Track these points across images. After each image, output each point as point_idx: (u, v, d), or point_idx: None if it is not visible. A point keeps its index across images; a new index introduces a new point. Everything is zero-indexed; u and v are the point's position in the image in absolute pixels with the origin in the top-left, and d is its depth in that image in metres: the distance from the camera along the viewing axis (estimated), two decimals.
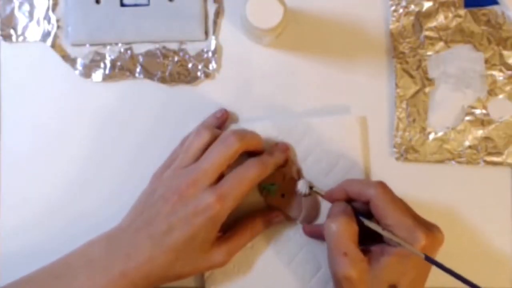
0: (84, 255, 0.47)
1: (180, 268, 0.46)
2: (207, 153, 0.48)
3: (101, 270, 0.46)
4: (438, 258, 0.55)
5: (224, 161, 0.47)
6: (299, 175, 0.53)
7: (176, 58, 0.55)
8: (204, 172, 0.47)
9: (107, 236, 0.48)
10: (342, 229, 0.46)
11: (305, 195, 0.52)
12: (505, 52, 0.54)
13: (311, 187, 0.52)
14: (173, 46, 0.55)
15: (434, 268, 0.55)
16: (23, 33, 0.55)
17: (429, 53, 0.55)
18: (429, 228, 0.46)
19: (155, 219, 0.47)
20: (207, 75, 0.55)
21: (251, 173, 0.47)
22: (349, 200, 0.49)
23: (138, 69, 0.55)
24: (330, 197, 0.50)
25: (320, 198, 0.53)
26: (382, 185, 0.47)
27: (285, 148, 0.52)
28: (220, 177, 0.47)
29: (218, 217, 0.46)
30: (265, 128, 0.53)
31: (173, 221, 0.46)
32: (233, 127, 0.54)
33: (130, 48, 0.55)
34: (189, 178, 0.47)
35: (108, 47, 0.55)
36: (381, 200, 0.46)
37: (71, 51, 0.55)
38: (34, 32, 0.55)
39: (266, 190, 0.52)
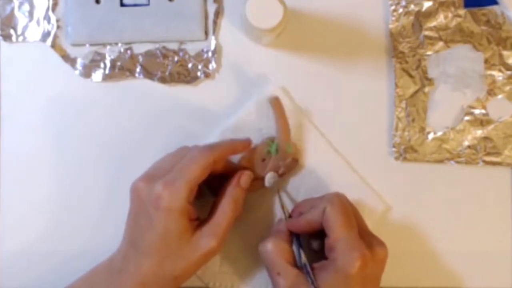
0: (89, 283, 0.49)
1: (172, 266, 0.46)
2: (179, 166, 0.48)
3: None
4: (439, 258, 0.55)
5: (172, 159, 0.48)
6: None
7: (176, 58, 0.55)
8: (154, 168, 0.48)
9: (109, 260, 0.49)
10: (273, 249, 0.47)
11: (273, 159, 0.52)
12: (504, 52, 0.54)
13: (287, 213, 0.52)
14: (173, 46, 0.55)
15: (433, 269, 0.55)
16: (23, 33, 0.55)
17: (428, 53, 0.55)
18: (373, 245, 0.46)
19: (130, 229, 0.47)
20: (207, 75, 0.55)
21: (196, 156, 0.47)
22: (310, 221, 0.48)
23: (138, 69, 0.55)
24: (292, 226, 0.50)
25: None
26: (337, 196, 0.47)
27: (244, 144, 0.52)
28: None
29: (174, 203, 0.45)
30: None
31: (142, 223, 0.46)
32: None
33: (130, 48, 0.55)
34: (142, 177, 0.47)
35: (108, 47, 0.55)
36: (333, 210, 0.46)
37: (71, 51, 0.55)
38: (34, 32, 0.55)
39: (267, 152, 0.52)
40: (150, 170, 0.48)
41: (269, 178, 0.52)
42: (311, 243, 0.51)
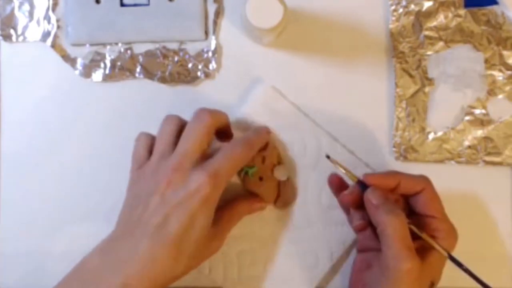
0: (79, 276, 0.44)
1: (187, 262, 0.43)
2: (184, 135, 0.45)
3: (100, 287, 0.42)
4: None
5: (203, 138, 0.45)
6: (279, 160, 0.53)
7: (176, 58, 0.55)
8: (186, 152, 0.44)
9: (100, 249, 0.44)
10: (405, 224, 0.45)
11: (282, 181, 0.52)
12: (504, 52, 0.54)
13: (344, 169, 0.50)
14: (173, 46, 0.55)
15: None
16: (23, 33, 0.55)
17: (428, 52, 0.55)
18: (454, 231, 0.48)
19: (146, 215, 0.43)
20: (207, 75, 0.55)
21: (239, 150, 0.46)
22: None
23: (138, 69, 0.55)
24: (375, 181, 0.47)
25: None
26: (429, 179, 0.48)
27: (266, 131, 0.51)
28: (203, 158, 0.45)
29: (213, 196, 0.43)
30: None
31: (167, 211, 0.42)
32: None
33: (130, 48, 0.55)
34: (173, 163, 0.44)
35: (108, 47, 0.55)
36: (434, 192, 0.47)
37: (71, 51, 0.55)
38: (34, 32, 0.55)
39: (245, 172, 0.52)
40: (172, 155, 0.45)
41: (279, 171, 0.52)
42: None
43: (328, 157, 0.50)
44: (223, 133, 0.50)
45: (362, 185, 0.48)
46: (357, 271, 0.49)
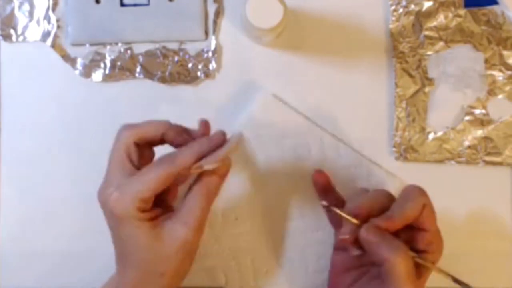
0: None
1: (153, 266, 0.45)
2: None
3: None
4: (442, 257, 0.55)
5: (119, 156, 0.46)
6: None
7: (176, 58, 0.55)
8: (106, 175, 0.46)
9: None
10: (410, 260, 0.43)
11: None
12: (505, 52, 0.54)
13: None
14: (173, 46, 0.55)
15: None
16: (23, 33, 0.55)
17: (429, 52, 0.55)
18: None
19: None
20: (207, 75, 0.55)
21: (155, 167, 0.45)
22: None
23: (138, 69, 0.55)
24: (390, 227, 0.44)
25: (303, 187, 0.53)
26: (423, 191, 0.46)
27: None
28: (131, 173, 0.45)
29: (125, 214, 0.44)
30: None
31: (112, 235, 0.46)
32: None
33: (130, 48, 0.55)
34: (100, 187, 0.46)
35: (108, 47, 0.55)
36: (430, 208, 0.45)
37: (71, 51, 0.55)
38: (34, 32, 0.55)
39: None
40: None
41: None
42: None
43: (327, 206, 0.47)
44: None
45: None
46: (336, 273, 0.49)
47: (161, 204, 0.47)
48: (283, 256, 0.54)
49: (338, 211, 0.45)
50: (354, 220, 0.44)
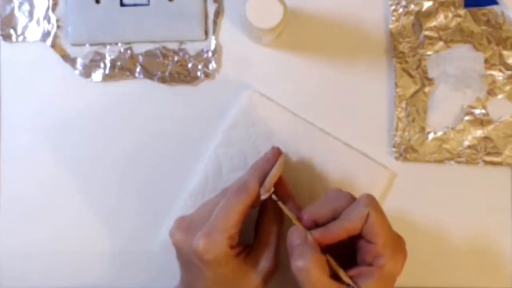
0: None
1: None
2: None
3: None
4: (439, 257, 0.55)
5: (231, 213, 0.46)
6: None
7: (176, 58, 0.55)
8: (192, 215, 0.47)
9: None
10: (312, 267, 0.42)
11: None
12: (504, 52, 0.54)
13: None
14: (173, 46, 0.55)
15: (433, 269, 0.55)
16: (23, 33, 0.55)
17: (428, 52, 0.55)
18: (403, 242, 0.45)
19: (187, 276, 0.48)
20: (207, 75, 0.55)
21: (231, 201, 0.46)
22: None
23: (138, 69, 0.55)
24: (328, 240, 0.44)
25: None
26: (374, 200, 0.44)
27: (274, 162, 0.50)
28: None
29: (216, 255, 0.44)
30: None
31: (194, 271, 0.46)
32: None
33: (130, 48, 0.55)
34: (181, 228, 0.47)
35: (108, 47, 0.55)
36: (376, 219, 0.43)
37: (71, 51, 0.55)
38: (34, 32, 0.55)
39: None
40: (188, 217, 0.47)
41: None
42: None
43: (275, 199, 0.47)
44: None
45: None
46: None
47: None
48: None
49: (287, 211, 0.46)
50: (299, 224, 0.45)
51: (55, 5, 0.55)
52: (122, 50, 0.55)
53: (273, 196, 0.47)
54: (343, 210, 0.44)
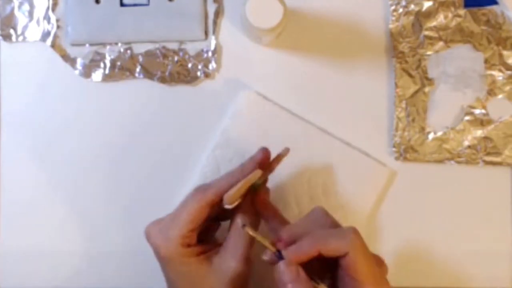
0: None
1: None
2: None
3: None
4: (439, 257, 0.55)
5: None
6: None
7: (176, 58, 0.55)
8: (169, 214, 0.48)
9: None
10: None
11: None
12: (504, 52, 0.54)
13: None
14: (173, 46, 0.55)
15: (433, 269, 0.55)
16: (23, 33, 0.55)
17: (428, 52, 0.55)
18: (382, 266, 0.45)
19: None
20: (207, 75, 0.55)
21: (188, 201, 0.46)
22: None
23: (138, 69, 0.55)
24: (297, 258, 0.42)
25: (290, 181, 0.52)
26: (357, 235, 0.43)
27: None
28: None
29: (169, 253, 0.45)
30: None
31: (160, 266, 0.47)
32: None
33: (130, 48, 0.55)
34: (153, 222, 0.47)
35: (108, 47, 0.55)
36: (357, 253, 0.42)
37: (71, 51, 0.55)
38: (34, 32, 0.55)
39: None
40: (164, 217, 0.47)
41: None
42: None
43: (244, 225, 0.45)
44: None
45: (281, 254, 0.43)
46: None
47: (208, 240, 0.48)
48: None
49: (260, 239, 0.44)
50: (271, 247, 0.43)
51: (55, 5, 0.55)
52: (122, 50, 0.55)
53: (239, 222, 0.46)
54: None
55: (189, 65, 0.55)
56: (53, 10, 0.55)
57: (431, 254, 0.55)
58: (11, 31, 0.55)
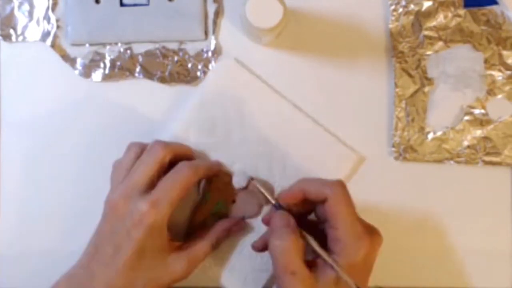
0: None
1: (142, 285, 0.46)
2: (133, 167, 0.48)
3: None
4: (438, 257, 0.55)
5: (151, 169, 0.47)
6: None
7: (175, 58, 0.55)
8: (132, 183, 0.46)
9: (66, 278, 0.47)
10: (289, 247, 0.43)
11: (243, 188, 0.52)
12: (504, 52, 0.54)
13: (251, 180, 0.51)
14: (173, 46, 0.55)
15: (433, 269, 0.55)
16: (22, 33, 0.55)
17: (428, 52, 0.55)
18: (372, 233, 0.45)
19: (101, 244, 0.47)
20: (207, 75, 0.55)
21: (182, 175, 0.47)
22: (302, 202, 0.47)
23: (137, 69, 0.55)
24: (286, 198, 0.47)
25: (262, 154, 0.53)
26: (340, 185, 0.45)
27: (217, 162, 0.53)
28: (152, 188, 0.47)
29: (157, 223, 0.45)
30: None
31: (116, 239, 0.46)
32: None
33: (129, 48, 0.55)
34: (120, 193, 0.47)
35: (108, 47, 0.55)
36: (338, 201, 0.44)
37: (71, 51, 0.55)
38: (33, 32, 0.55)
39: (216, 213, 0.52)
40: (122, 183, 0.47)
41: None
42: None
43: (252, 179, 0.51)
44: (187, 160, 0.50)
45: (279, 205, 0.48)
46: None
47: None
48: None
49: (263, 191, 0.49)
50: (271, 199, 0.48)
51: (55, 5, 0.55)
52: (122, 50, 0.55)
53: (253, 181, 0.50)
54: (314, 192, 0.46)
55: (189, 65, 0.55)
56: (53, 10, 0.55)
57: (430, 254, 0.55)
58: (11, 31, 0.55)
